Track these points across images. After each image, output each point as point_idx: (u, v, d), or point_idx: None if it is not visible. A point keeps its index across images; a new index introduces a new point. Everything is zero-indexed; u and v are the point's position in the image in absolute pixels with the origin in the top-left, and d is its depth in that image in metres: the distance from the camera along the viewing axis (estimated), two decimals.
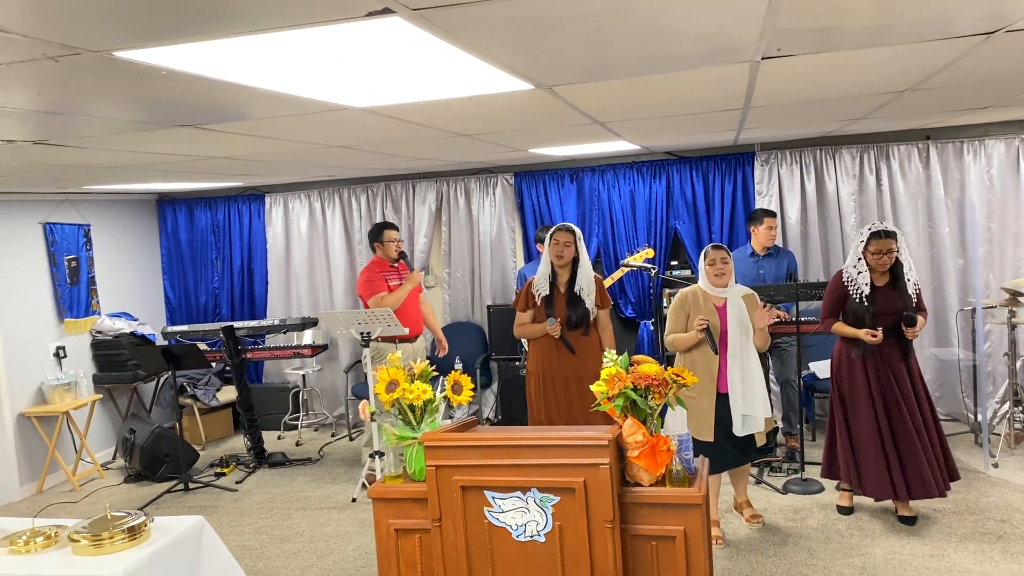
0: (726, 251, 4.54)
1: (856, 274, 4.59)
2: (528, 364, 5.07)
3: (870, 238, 4.51)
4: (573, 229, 4.85)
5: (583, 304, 4.81)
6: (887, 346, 4.55)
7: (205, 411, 7.62)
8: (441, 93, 2.72)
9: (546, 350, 4.91)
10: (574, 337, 4.85)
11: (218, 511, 5.74)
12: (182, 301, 8.35)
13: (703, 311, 4.49)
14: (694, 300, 4.54)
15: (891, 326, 4.53)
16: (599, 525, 2.90)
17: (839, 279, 4.69)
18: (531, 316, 4.96)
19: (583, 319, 4.81)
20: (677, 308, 4.57)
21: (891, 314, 4.52)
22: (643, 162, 7.19)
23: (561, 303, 4.85)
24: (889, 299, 4.54)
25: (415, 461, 3.21)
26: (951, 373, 6.69)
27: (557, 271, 4.90)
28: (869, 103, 4.06)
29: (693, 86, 3.00)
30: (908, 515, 4.72)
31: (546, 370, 4.90)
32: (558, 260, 4.84)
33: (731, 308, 4.49)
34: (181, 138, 3.39)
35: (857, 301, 4.57)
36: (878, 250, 4.48)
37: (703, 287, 4.56)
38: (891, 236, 4.47)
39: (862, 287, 4.55)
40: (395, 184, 7.71)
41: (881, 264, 4.50)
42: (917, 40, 2.39)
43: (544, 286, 4.88)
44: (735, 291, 4.55)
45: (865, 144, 6.72)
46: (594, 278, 4.91)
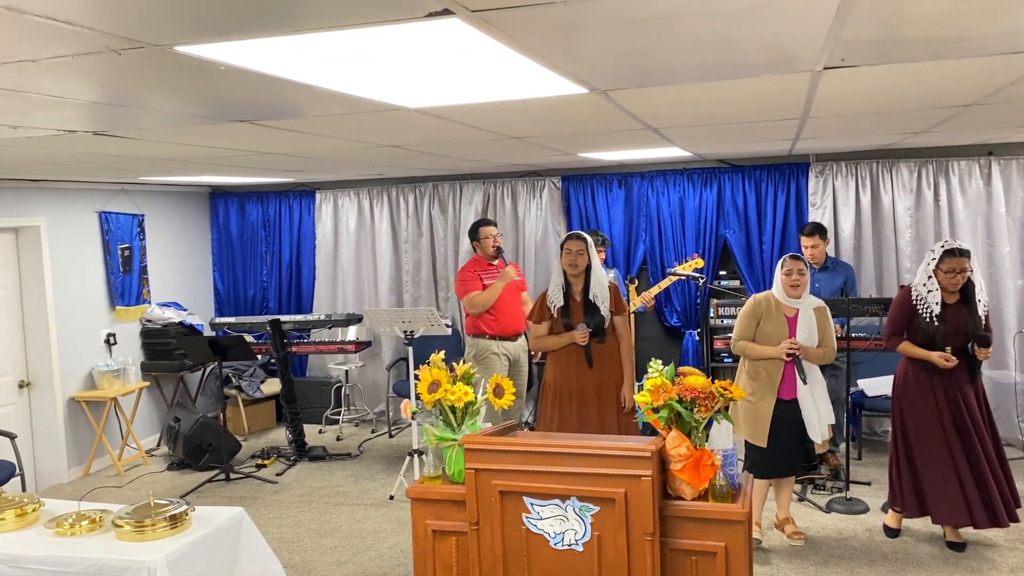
0: (804, 262, 4.50)
1: (926, 292, 4.44)
2: (545, 376, 4.94)
3: (943, 256, 4.35)
4: (585, 237, 4.80)
5: (599, 311, 4.75)
6: (956, 367, 4.38)
7: (249, 402, 7.71)
8: (495, 95, 2.70)
9: (566, 361, 4.79)
10: (592, 345, 4.78)
11: (257, 502, 5.80)
12: (231, 293, 8.47)
13: (775, 320, 4.48)
14: (766, 308, 4.51)
15: (960, 346, 4.38)
16: (639, 537, 2.86)
17: (907, 296, 4.53)
18: (548, 328, 4.87)
19: (600, 326, 4.75)
20: (748, 314, 4.54)
21: (961, 333, 4.37)
22: (694, 169, 7.11)
23: (578, 312, 4.78)
24: (959, 318, 4.38)
25: (454, 463, 3.20)
26: (1007, 396, 6.50)
27: (571, 280, 4.83)
28: (932, 116, 3.95)
29: (751, 95, 2.94)
30: (957, 541, 4.58)
31: (565, 382, 4.78)
32: (572, 269, 4.76)
33: (802, 320, 4.48)
34: (236, 133, 3.43)
35: (927, 320, 4.42)
36: (951, 268, 4.33)
37: (776, 296, 4.52)
38: (965, 255, 4.33)
39: (932, 306, 4.40)
40: (442, 184, 7.73)
41: (953, 283, 4.36)
42: (986, 54, 2.31)
43: (559, 296, 4.81)
44: (808, 303, 4.53)
45: (924, 158, 6.56)
46: (608, 285, 4.84)
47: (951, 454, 4.41)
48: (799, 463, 4.65)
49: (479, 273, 5.95)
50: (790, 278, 4.44)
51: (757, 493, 4.63)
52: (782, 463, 4.56)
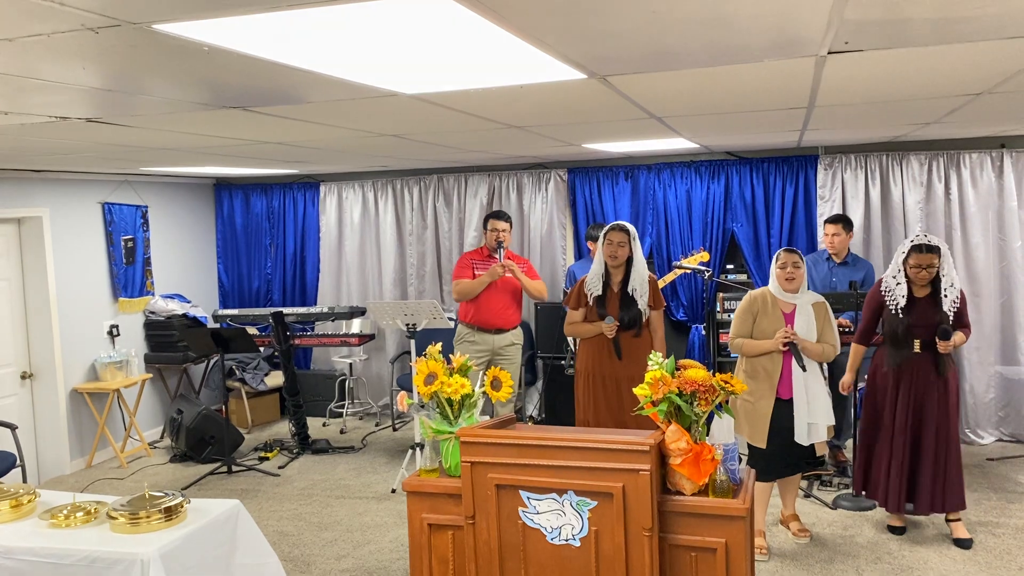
0: (799, 256, 4.42)
1: (895, 285, 4.49)
2: (577, 363, 4.98)
3: (911, 251, 4.40)
4: (628, 228, 4.75)
5: (636, 305, 4.71)
6: (922, 360, 4.44)
7: (252, 395, 7.69)
8: (490, 81, 2.64)
9: (597, 350, 4.82)
10: (626, 338, 4.76)
11: (259, 495, 5.77)
12: (235, 285, 8.44)
13: (771, 316, 4.39)
14: (763, 304, 4.43)
15: (927, 339, 4.41)
16: (637, 532, 2.80)
17: (877, 289, 4.61)
18: (582, 315, 4.87)
19: (636, 320, 4.72)
20: (744, 311, 4.47)
21: (927, 327, 4.40)
22: (701, 161, 7.03)
23: (614, 303, 4.75)
24: (927, 312, 4.41)
25: (451, 456, 3.15)
26: (1017, 392, 6.40)
27: (611, 271, 4.80)
28: (941, 106, 3.86)
29: (755, 81, 2.87)
30: (964, 537, 4.52)
31: (595, 370, 4.81)
32: (612, 260, 4.75)
33: (799, 315, 4.38)
34: (230, 120, 3.38)
35: (892, 312, 4.45)
36: (917, 264, 4.37)
37: (773, 291, 4.45)
38: (933, 251, 4.33)
39: (898, 299, 4.45)
40: (447, 177, 7.67)
41: (920, 278, 4.39)
42: (996, 37, 2.23)
43: (597, 286, 4.79)
44: (805, 298, 4.43)
45: (935, 151, 6.46)
46: (648, 279, 4.79)
47: (892, 443, 4.51)
48: (802, 461, 4.55)
49: (474, 262, 6.01)
50: (784, 271, 4.37)
51: (759, 497, 4.51)
52: (784, 464, 4.48)
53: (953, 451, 4.49)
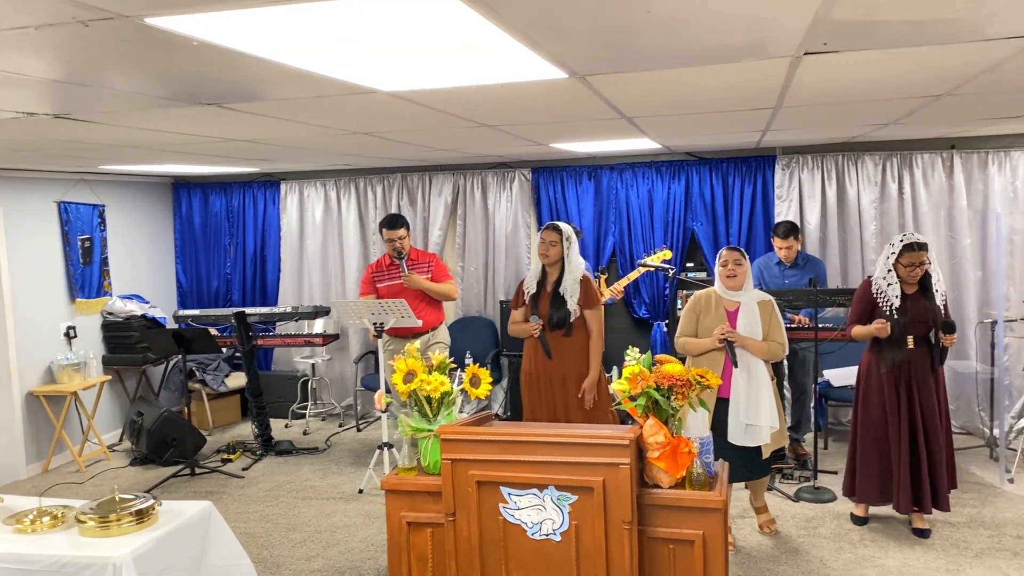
0: (740, 253, 4.39)
1: (886, 285, 4.52)
2: (522, 362, 5.07)
3: (903, 250, 4.42)
4: (561, 228, 4.80)
5: (565, 305, 4.77)
6: (917, 357, 4.49)
7: (213, 396, 7.58)
8: (474, 79, 2.66)
9: (533, 350, 4.93)
10: (555, 338, 4.81)
11: (224, 497, 5.70)
12: (194, 285, 8.32)
13: (714, 315, 4.39)
14: (706, 303, 4.44)
15: (921, 335, 4.47)
16: (616, 526, 2.84)
17: (867, 288, 4.62)
18: (523, 315, 4.95)
19: (564, 320, 4.77)
20: (689, 310, 4.50)
21: (922, 323, 4.46)
22: (662, 162, 7.12)
23: (545, 302, 4.83)
24: (919, 309, 4.46)
25: (430, 454, 3.16)
26: (968, 386, 6.61)
27: (547, 270, 4.86)
28: (902, 107, 3.98)
29: (729, 81, 2.93)
30: (923, 527, 4.65)
31: (532, 369, 4.93)
32: (544, 259, 4.83)
33: (743, 314, 4.34)
34: (204, 117, 3.34)
35: (888, 313, 4.49)
36: (911, 262, 4.41)
37: (717, 289, 4.46)
38: (923, 248, 4.41)
39: (892, 299, 4.48)
40: (411, 175, 7.66)
41: (912, 276, 4.44)
42: (967, 40, 2.32)
43: (532, 285, 4.89)
44: (750, 296, 4.40)
45: (888, 151, 6.64)
46: (581, 279, 4.83)
47: (891, 442, 4.54)
48: (760, 465, 4.43)
49: (376, 275, 5.89)
50: (726, 269, 4.35)
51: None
52: (739, 468, 4.29)
53: (949, 445, 4.61)
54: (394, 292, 5.75)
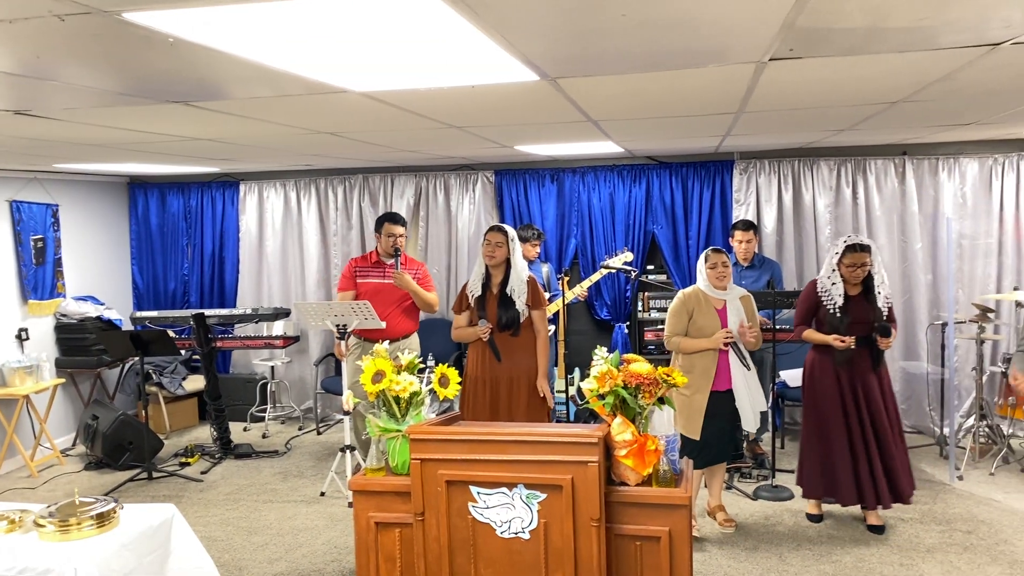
0: (727, 255, 4.65)
1: (830, 285, 4.65)
2: (466, 367, 5.00)
3: (845, 251, 4.56)
4: (505, 229, 4.82)
5: (514, 306, 4.79)
6: (859, 357, 4.62)
7: (171, 399, 7.47)
8: (446, 80, 2.68)
9: (480, 354, 4.88)
10: (504, 339, 4.81)
11: (183, 501, 5.62)
12: (150, 287, 8.18)
13: (705, 312, 4.58)
14: (696, 301, 4.61)
15: (863, 336, 4.60)
16: (585, 524, 2.88)
17: (812, 289, 4.75)
18: (467, 319, 4.91)
19: (513, 320, 4.79)
20: (679, 309, 4.62)
21: (863, 324, 4.59)
22: (624, 165, 7.20)
23: (493, 304, 4.82)
24: (862, 310, 4.60)
25: (398, 454, 3.16)
26: (919, 386, 6.79)
27: (491, 272, 4.86)
28: (859, 113, 4.09)
29: (696, 86, 2.99)
30: (877, 524, 4.77)
31: (479, 373, 4.87)
32: (489, 260, 4.81)
33: (731, 310, 4.61)
34: (170, 115, 3.31)
35: (831, 312, 4.62)
36: (852, 263, 4.54)
37: (703, 288, 4.62)
38: (866, 250, 4.54)
39: (836, 298, 4.62)
40: (373, 177, 7.63)
41: (855, 276, 4.57)
42: (927, 48, 2.40)
43: (477, 287, 4.86)
44: (734, 293, 4.67)
45: (843, 157, 6.80)
46: (528, 280, 4.86)
47: (850, 439, 4.65)
48: (729, 451, 4.76)
49: (359, 269, 5.72)
50: (715, 271, 4.56)
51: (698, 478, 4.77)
52: (715, 451, 4.67)
53: (902, 441, 4.74)
54: (375, 291, 5.58)
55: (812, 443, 4.79)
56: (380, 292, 5.60)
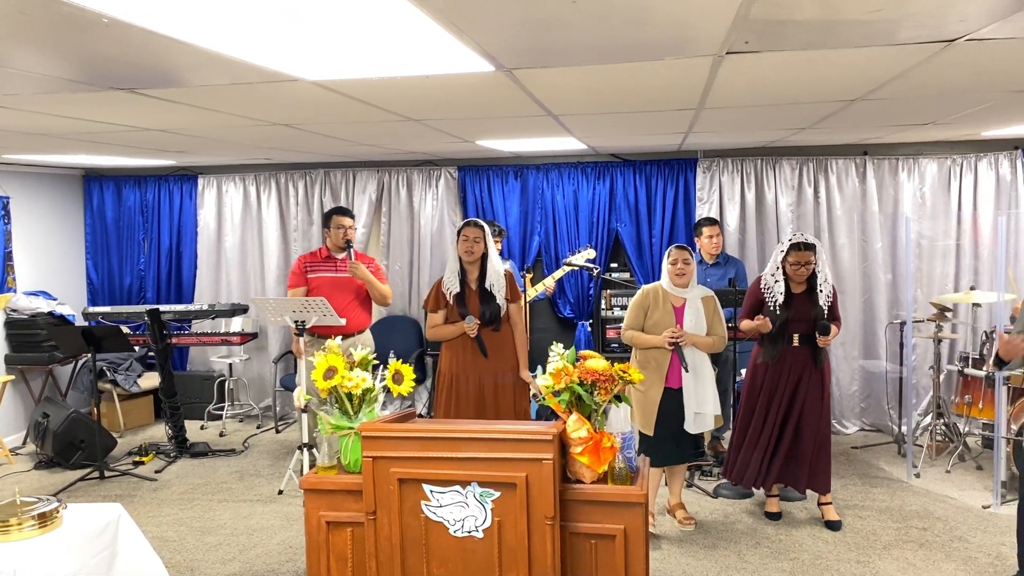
0: (689, 252, 4.60)
1: (773, 282, 4.70)
2: (441, 365, 4.91)
3: (790, 249, 4.61)
4: (482, 224, 4.78)
5: (495, 300, 4.75)
6: (798, 352, 4.69)
7: (125, 397, 7.31)
8: (399, 70, 2.62)
9: (461, 351, 4.79)
10: (487, 333, 4.77)
11: (135, 500, 5.49)
12: (105, 282, 8.01)
13: (662, 310, 4.55)
14: (654, 298, 4.60)
15: (805, 333, 4.65)
16: (539, 522, 2.84)
17: (756, 286, 4.81)
18: (443, 317, 4.82)
19: (496, 315, 4.75)
20: (637, 305, 4.63)
21: (804, 321, 4.65)
22: (588, 163, 7.18)
23: (474, 300, 4.75)
24: (804, 307, 4.65)
25: (351, 452, 3.09)
26: (878, 385, 6.85)
27: (466, 268, 4.80)
28: (818, 111, 4.10)
29: (652, 80, 2.96)
30: (834, 520, 4.80)
31: (461, 371, 4.78)
32: (468, 256, 4.74)
33: (689, 309, 4.56)
34: (117, 104, 3.21)
35: (771, 308, 4.66)
36: (796, 261, 4.58)
37: (664, 286, 4.61)
38: (810, 249, 4.57)
39: (777, 295, 4.66)
40: (335, 172, 7.53)
41: (798, 275, 4.62)
42: (881, 43, 2.39)
43: (455, 284, 4.79)
44: (695, 292, 4.63)
45: (805, 156, 6.84)
46: (504, 272, 4.83)
47: (763, 431, 4.75)
48: (689, 451, 4.73)
49: (309, 266, 5.65)
50: (675, 267, 4.55)
51: (650, 481, 4.69)
52: (672, 451, 4.65)
53: (824, 437, 4.77)
54: (330, 285, 5.52)
55: (741, 433, 4.89)
56: (334, 286, 5.55)
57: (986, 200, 6.61)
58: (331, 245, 5.68)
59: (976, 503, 5.14)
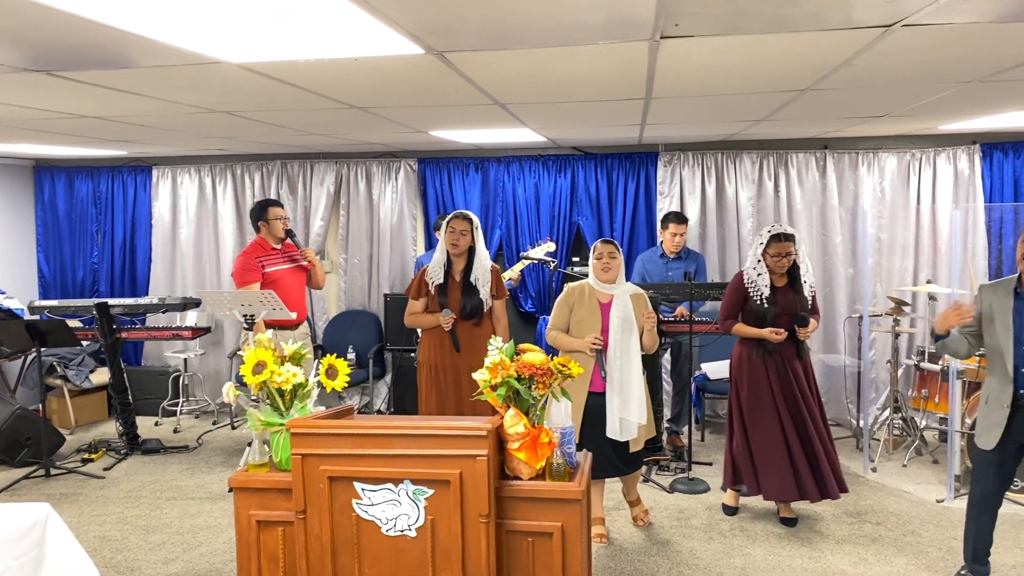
0: (615, 246, 4.40)
1: (756, 276, 4.58)
2: (420, 354, 4.91)
3: (770, 240, 4.50)
4: (471, 217, 4.71)
5: (478, 294, 4.68)
6: (785, 347, 4.57)
7: (76, 393, 7.14)
8: (323, 51, 2.52)
9: (438, 342, 4.77)
10: (466, 328, 4.72)
11: (80, 499, 5.35)
12: (57, 276, 7.83)
13: (587, 306, 4.37)
14: (579, 295, 4.41)
15: (790, 326, 4.55)
16: (473, 520, 2.76)
17: (739, 282, 4.67)
18: (423, 305, 4.80)
19: (477, 309, 4.70)
20: (561, 302, 4.44)
21: (790, 314, 4.55)
22: (549, 156, 7.11)
23: (456, 292, 4.71)
24: (788, 300, 4.56)
25: (282, 449, 3.00)
26: (837, 379, 6.84)
27: (453, 260, 4.75)
28: (770, 101, 4.04)
29: (592, 66, 2.88)
30: (789, 516, 4.75)
31: (436, 361, 4.76)
32: (453, 248, 4.69)
33: (616, 306, 4.33)
34: (39, 87, 3.08)
35: (758, 303, 4.56)
36: (777, 252, 4.49)
37: (591, 282, 4.43)
38: (790, 239, 4.49)
39: (762, 289, 4.55)
40: (292, 163, 7.40)
41: (780, 266, 4.52)
42: (817, 28, 2.33)
43: (439, 275, 4.73)
44: (623, 288, 4.39)
45: (765, 150, 6.81)
46: (491, 269, 4.78)
47: (783, 431, 4.56)
48: (618, 462, 4.39)
49: (261, 259, 5.58)
50: (601, 262, 4.35)
51: (593, 486, 4.49)
52: (604, 461, 4.31)
53: (828, 433, 4.66)
54: (286, 277, 5.57)
55: (746, 439, 4.65)
56: (292, 276, 5.61)
57: (944, 194, 6.62)
58: (270, 237, 5.66)
59: (930, 497, 5.13)
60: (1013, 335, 3.55)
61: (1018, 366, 3.56)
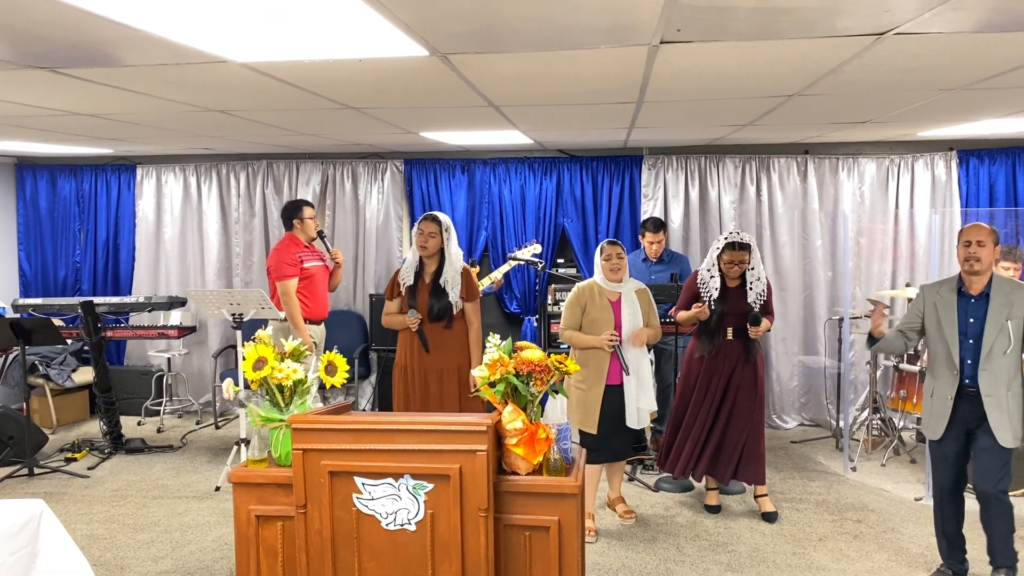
0: (621, 247, 4.62)
1: (709, 278, 4.78)
2: (396, 356, 4.95)
3: (724, 248, 4.68)
4: (440, 219, 4.74)
5: (447, 296, 4.72)
6: (732, 346, 4.76)
7: (58, 392, 7.10)
8: (331, 52, 2.56)
9: (408, 343, 4.83)
10: (435, 330, 4.75)
11: (65, 498, 5.33)
12: (39, 274, 7.77)
13: (599, 306, 4.55)
14: (590, 295, 4.59)
15: (738, 326, 4.73)
16: (472, 514, 2.80)
17: (693, 280, 4.90)
18: (398, 306, 4.85)
19: (445, 311, 4.72)
20: (573, 302, 4.61)
21: (739, 315, 4.72)
22: (535, 158, 7.17)
23: (424, 294, 4.74)
24: (738, 302, 4.73)
25: (281, 445, 3.03)
26: (817, 380, 6.96)
27: (424, 262, 4.79)
28: (757, 106, 4.13)
29: (590, 69, 2.94)
30: (771, 512, 4.86)
31: (407, 362, 4.82)
32: (422, 250, 4.72)
33: (625, 303, 4.58)
34: (39, 84, 3.09)
35: (707, 302, 4.74)
36: (730, 260, 4.67)
37: (599, 281, 4.60)
38: (744, 248, 4.64)
39: (712, 290, 4.74)
40: (278, 163, 7.41)
41: (732, 272, 4.71)
42: (810, 35, 2.41)
43: (409, 276, 4.78)
44: (629, 286, 4.64)
45: (748, 155, 6.91)
46: (463, 271, 4.80)
47: (697, 418, 4.81)
48: (629, 447, 4.74)
49: (300, 255, 5.65)
50: (610, 263, 4.56)
51: (590, 480, 4.65)
52: (613, 448, 4.65)
53: (757, 428, 4.83)
54: (319, 274, 5.70)
55: (675, 423, 4.94)
56: (324, 274, 5.78)
57: (922, 199, 6.77)
58: (302, 235, 5.74)
59: (909, 495, 5.25)
60: (958, 329, 3.79)
61: (964, 358, 3.80)
